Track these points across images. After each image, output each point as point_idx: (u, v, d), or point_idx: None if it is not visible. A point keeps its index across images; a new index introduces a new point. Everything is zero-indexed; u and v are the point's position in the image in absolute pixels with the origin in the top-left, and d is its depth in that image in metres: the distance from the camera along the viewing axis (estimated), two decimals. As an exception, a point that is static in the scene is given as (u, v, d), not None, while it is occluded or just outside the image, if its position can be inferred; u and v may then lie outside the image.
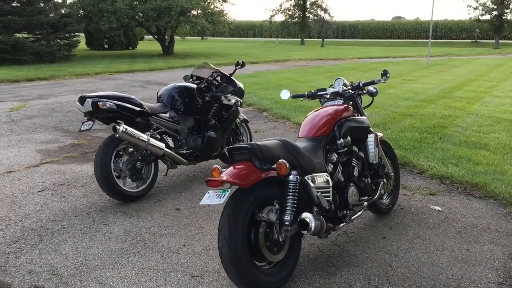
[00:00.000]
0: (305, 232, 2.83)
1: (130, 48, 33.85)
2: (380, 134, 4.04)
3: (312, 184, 3.00)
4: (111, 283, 3.01)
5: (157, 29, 25.94)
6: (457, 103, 9.96)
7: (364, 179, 3.59)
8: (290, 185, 2.87)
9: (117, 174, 4.38)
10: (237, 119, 5.57)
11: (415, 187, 4.83)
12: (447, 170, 5.16)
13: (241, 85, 5.54)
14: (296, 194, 2.87)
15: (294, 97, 4.02)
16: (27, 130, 7.47)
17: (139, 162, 4.44)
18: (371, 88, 3.83)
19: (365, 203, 3.46)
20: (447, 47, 39.87)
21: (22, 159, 5.83)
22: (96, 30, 25.67)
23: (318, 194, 3.02)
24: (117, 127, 4.10)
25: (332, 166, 3.38)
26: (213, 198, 2.71)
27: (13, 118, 8.40)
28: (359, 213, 3.43)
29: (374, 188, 3.75)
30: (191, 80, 5.43)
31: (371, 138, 3.68)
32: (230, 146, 2.89)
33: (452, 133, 7.10)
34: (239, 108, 5.39)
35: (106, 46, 33.15)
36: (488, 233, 3.74)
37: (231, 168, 2.81)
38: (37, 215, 4.10)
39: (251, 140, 5.85)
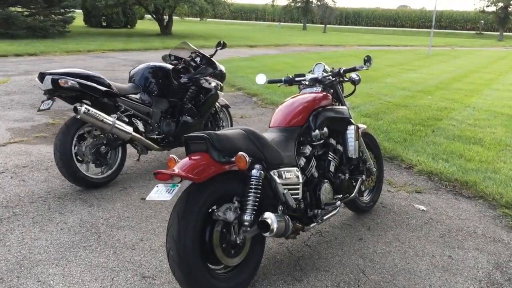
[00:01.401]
0: (266, 234, 2.52)
1: (128, 26, 33.25)
2: (362, 126, 3.73)
3: (278, 180, 2.69)
4: (51, 281, 2.71)
5: (155, 8, 25.43)
6: (455, 95, 9.62)
7: (340, 175, 3.27)
8: (252, 181, 2.56)
9: (80, 159, 4.07)
10: (217, 104, 5.23)
11: (400, 184, 4.53)
12: (437, 166, 4.85)
13: (222, 67, 5.19)
14: (259, 191, 2.56)
15: (270, 82, 3.68)
16: (3, 107, 7.14)
17: (103, 147, 4.11)
18: (353, 75, 3.49)
19: (338, 202, 3.14)
20: (451, 38, 39.35)
21: (-10, 138, 5.51)
22: (92, 6, 25.22)
23: (285, 191, 2.71)
24: (79, 107, 3.78)
25: (304, 160, 3.05)
26: (161, 193, 2.39)
27: (-9, 94, 8.06)
28: (333, 213, 3.12)
29: (354, 184, 3.45)
30: (169, 60, 5.09)
31: (351, 130, 3.36)
32: (186, 135, 2.57)
33: (446, 126, 6.78)
34: (219, 92, 5.06)
35: (104, 24, 32.54)
36: (474, 238, 3.45)
37: (186, 159, 2.49)
38: (-11, 200, 3.80)
39: (231, 127, 5.52)
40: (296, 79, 3.57)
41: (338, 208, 3.17)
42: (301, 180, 2.85)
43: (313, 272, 2.92)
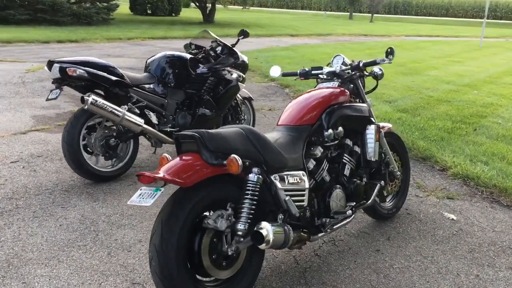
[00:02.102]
0: (261, 246, 2.26)
1: (173, 14, 33.39)
2: (387, 125, 3.39)
3: (279, 185, 2.42)
4: (35, 283, 2.56)
5: (198, -4, 25.34)
6: (504, 90, 8.95)
7: (355, 180, 2.95)
8: (249, 186, 2.30)
9: (90, 150, 3.93)
10: (239, 96, 4.98)
11: (431, 188, 4.14)
12: (474, 169, 4.43)
13: (244, 58, 4.92)
14: (256, 197, 2.30)
15: (285, 75, 3.39)
16: (33, 94, 7.17)
17: (113, 139, 3.95)
18: (376, 69, 3.16)
19: (349, 212, 2.83)
20: (506, 29, 37.31)
21: (12, 125, 5.49)
22: (137, -6, 25.32)
23: (287, 198, 2.44)
24: (86, 98, 3.63)
25: (314, 162, 2.76)
26: (143, 197, 2.18)
27: (25, 80, 8.13)
28: (345, 221, 2.82)
29: (374, 189, 3.12)
30: (190, 49, 4.88)
31: (370, 130, 3.03)
32: (177, 133, 2.34)
33: (491, 124, 6.26)
34: (240, 84, 4.80)
35: (149, 12, 32.81)
36: (507, 255, 3.06)
37: (176, 160, 2.27)
38: (-5, 191, 3.72)
39: (253, 121, 5.26)
40: (313, 72, 3.26)
41: (352, 217, 2.87)
42: (307, 186, 2.57)
43: (318, 287, 2.64)
